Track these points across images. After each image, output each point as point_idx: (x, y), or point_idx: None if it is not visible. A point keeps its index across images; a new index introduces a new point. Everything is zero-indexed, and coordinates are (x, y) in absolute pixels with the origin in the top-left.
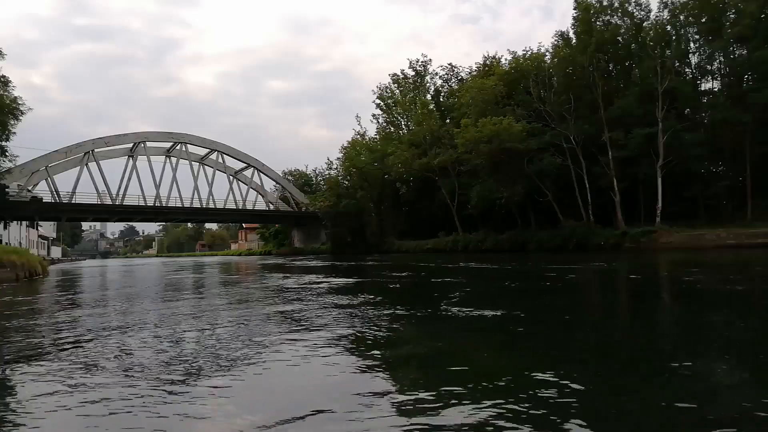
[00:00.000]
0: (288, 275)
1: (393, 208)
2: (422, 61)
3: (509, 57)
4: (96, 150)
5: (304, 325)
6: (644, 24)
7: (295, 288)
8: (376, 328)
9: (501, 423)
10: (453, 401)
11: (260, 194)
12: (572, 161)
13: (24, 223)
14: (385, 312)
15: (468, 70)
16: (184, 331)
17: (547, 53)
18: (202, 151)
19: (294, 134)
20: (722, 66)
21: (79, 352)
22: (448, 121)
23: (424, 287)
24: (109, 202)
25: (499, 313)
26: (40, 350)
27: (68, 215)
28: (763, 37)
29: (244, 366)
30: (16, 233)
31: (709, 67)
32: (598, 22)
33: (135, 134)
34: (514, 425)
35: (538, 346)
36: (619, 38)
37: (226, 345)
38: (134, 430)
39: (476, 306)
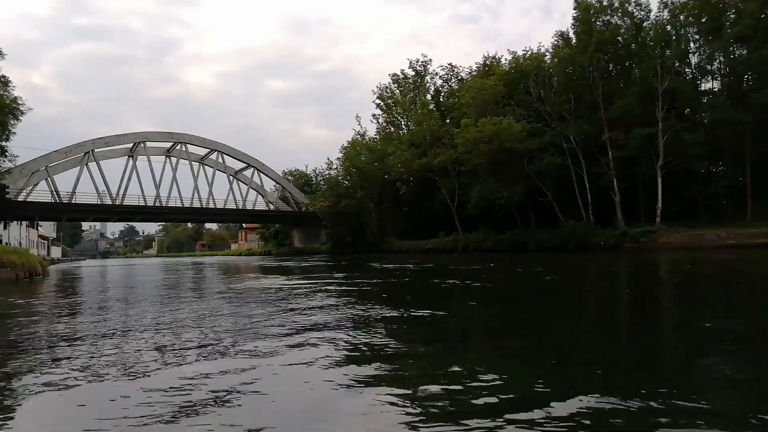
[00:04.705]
0: (287, 276)
1: (393, 208)
2: (422, 61)
3: (509, 57)
4: (96, 150)
5: (302, 329)
6: (644, 24)
7: (294, 290)
8: (371, 330)
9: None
10: (449, 399)
11: (260, 194)
12: (572, 161)
13: (24, 223)
14: (381, 313)
15: (468, 70)
16: (183, 334)
17: (547, 53)
18: (202, 151)
19: (294, 134)
20: (722, 66)
21: (77, 354)
22: (448, 121)
23: (418, 288)
24: (109, 202)
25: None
26: (39, 352)
27: (68, 215)
28: (763, 37)
29: (242, 370)
30: (16, 233)
31: (709, 67)
32: (598, 22)
33: (135, 134)
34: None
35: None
36: (619, 38)
37: (224, 347)
38: None
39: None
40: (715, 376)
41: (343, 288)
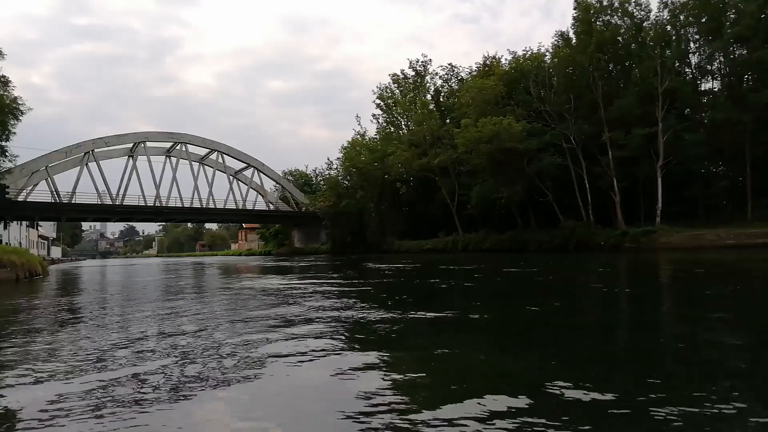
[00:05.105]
0: (285, 276)
1: (393, 208)
2: (422, 61)
3: (509, 57)
4: (96, 150)
5: (301, 328)
6: (644, 24)
7: (292, 290)
8: (372, 329)
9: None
10: (449, 400)
11: (260, 194)
12: (572, 161)
13: (24, 223)
14: (380, 313)
15: (468, 70)
16: (183, 334)
17: (547, 53)
18: (202, 151)
19: (294, 134)
20: (722, 66)
21: (76, 355)
22: (448, 121)
23: (416, 288)
24: (109, 202)
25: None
26: (38, 353)
27: (68, 215)
28: (763, 37)
29: (243, 370)
30: (16, 233)
31: (709, 67)
32: (598, 22)
33: (135, 134)
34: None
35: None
36: (619, 38)
37: (223, 348)
38: None
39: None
40: (715, 376)
41: (342, 289)
